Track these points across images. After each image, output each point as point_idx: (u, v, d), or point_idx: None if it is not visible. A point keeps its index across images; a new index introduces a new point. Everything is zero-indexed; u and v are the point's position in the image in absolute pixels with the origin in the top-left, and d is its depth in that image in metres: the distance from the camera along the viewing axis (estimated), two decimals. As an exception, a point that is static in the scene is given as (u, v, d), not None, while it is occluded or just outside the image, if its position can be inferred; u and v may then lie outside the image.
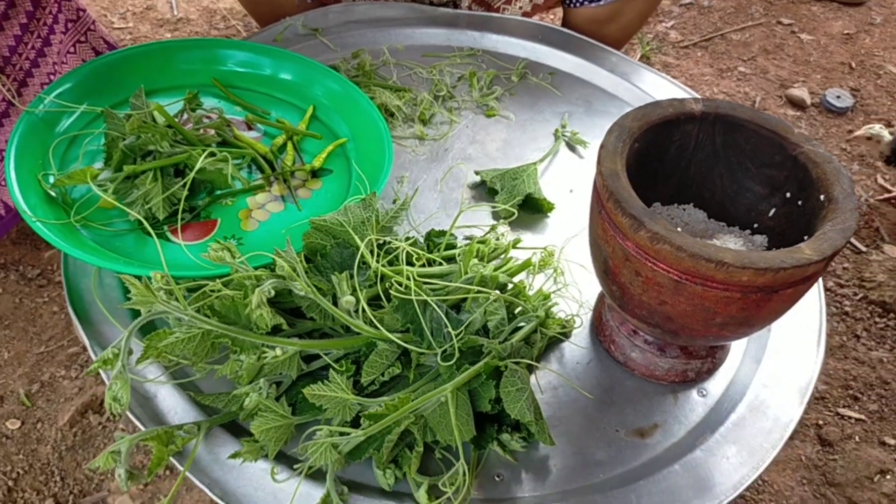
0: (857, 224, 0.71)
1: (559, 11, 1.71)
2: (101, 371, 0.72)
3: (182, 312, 0.71)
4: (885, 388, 1.28)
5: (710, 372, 0.86)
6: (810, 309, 0.92)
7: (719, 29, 2.13)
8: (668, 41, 2.07)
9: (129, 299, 0.72)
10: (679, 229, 0.85)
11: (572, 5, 1.34)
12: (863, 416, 1.24)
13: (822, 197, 0.74)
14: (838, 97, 1.85)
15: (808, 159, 0.76)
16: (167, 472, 1.10)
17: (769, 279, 0.66)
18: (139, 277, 0.71)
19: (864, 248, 1.50)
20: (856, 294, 1.42)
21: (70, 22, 1.05)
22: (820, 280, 0.94)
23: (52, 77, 1.07)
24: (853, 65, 2.03)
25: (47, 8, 1.04)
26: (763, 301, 0.69)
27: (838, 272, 1.45)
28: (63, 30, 1.06)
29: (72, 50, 1.07)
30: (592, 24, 1.36)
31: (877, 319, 1.38)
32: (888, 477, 1.18)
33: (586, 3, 1.31)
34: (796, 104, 1.87)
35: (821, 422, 1.23)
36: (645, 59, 1.98)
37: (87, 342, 0.79)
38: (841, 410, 1.24)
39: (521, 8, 1.31)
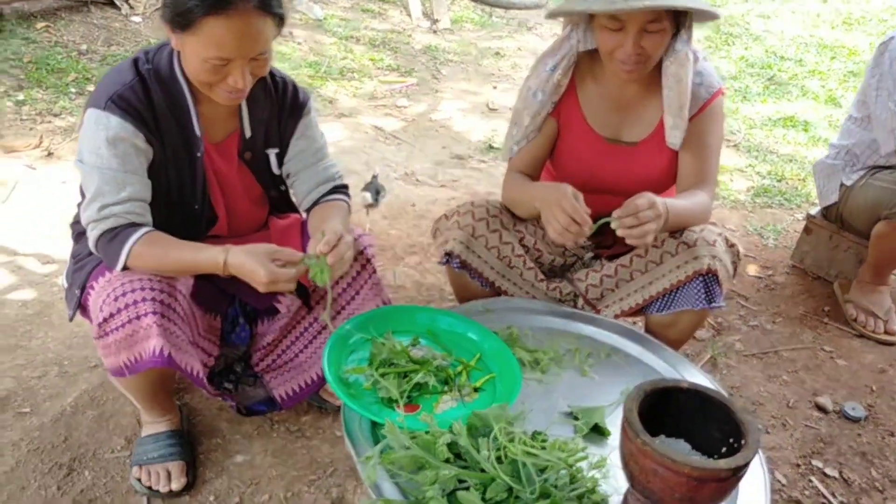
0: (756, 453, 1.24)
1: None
2: (359, 464, 1.36)
3: (407, 443, 1.35)
4: None
5: (686, 540, 1.37)
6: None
7: (774, 347, 2.67)
8: (733, 350, 2.63)
9: (377, 434, 1.37)
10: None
11: (649, 313, 1.99)
12: None
13: (743, 441, 1.29)
14: (853, 408, 2.31)
15: (741, 420, 1.32)
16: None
17: (699, 473, 1.20)
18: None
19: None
20: None
21: (374, 285, 1.87)
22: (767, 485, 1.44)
23: (356, 310, 1.85)
24: (874, 388, 2.48)
25: (362, 277, 1.86)
26: (700, 487, 1.22)
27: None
28: (369, 287, 1.87)
29: (371, 297, 1.86)
30: (658, 327, 1.99)
31: None
32: None
33: (656, 312, 1.95)
34: (821, 408, 2.34)
35: None
36: (712, 359, 2.54)
37: (353, 453, 1.42)
38: None
39: (614, 313, 1.97)
